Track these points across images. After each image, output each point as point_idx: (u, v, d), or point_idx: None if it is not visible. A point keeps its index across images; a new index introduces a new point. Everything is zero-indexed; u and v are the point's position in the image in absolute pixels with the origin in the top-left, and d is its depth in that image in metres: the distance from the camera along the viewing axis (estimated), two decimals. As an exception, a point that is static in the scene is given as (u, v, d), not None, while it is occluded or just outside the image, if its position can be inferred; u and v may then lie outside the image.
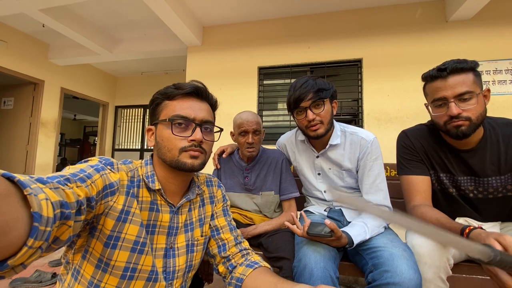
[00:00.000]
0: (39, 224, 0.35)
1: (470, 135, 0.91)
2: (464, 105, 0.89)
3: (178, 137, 0.68)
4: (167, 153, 0.69)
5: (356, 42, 2.92)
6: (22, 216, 0.34)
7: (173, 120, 0.68)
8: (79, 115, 8.58)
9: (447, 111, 0.91)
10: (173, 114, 0.69)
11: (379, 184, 1.08)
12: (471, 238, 0.70)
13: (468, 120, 0.89)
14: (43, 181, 0.41)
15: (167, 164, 0.70)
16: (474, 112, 0.89)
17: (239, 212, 1.35)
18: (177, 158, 0.68)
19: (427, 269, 0.82)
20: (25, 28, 3.70)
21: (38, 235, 0.35)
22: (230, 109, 3.04)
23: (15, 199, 0.34)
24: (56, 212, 0.39)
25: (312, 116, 1.07)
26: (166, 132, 0.69)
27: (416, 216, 0.94)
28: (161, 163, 0.72)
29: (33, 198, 0.35)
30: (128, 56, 4.03)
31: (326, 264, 0.84)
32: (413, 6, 2.80)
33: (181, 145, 0.68)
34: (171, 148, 0.68)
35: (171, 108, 0.70)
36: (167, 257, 0.71)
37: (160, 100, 0.72)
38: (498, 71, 2.58)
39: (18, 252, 0.34)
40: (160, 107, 0.72)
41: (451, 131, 0.93)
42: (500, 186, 0.97)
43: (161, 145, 0.70)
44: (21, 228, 0.34)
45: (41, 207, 0.36)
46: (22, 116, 4.06)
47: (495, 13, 2.59)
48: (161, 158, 0.71)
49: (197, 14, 3.14)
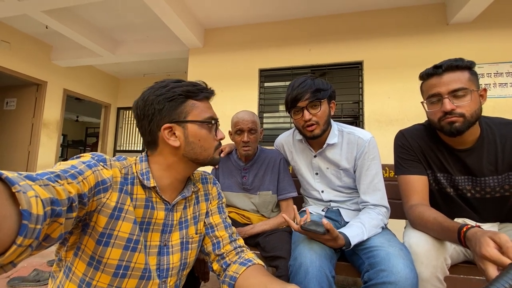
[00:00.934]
0: (29, 222, 0.34)
1: (464, 132, 0.91)
2: (458, 102, 0.90)
3: (213, 137, 0.75)
4: (202, 152, 0.73)
5: (357, 45, 2.92)
6: (11, 214, 0.33)
7: (215, 121, 0.75)
8: (81, 117, 8.62)
9: (441, 107, 0.92)
10: (208, 115, 0.73)
11: (376, 184, 1.07)
12: (467, 237, 0.70)
13: (462, 116, 0.89)
14: (33, 178, 0.41)
15: (197, 162, 0.74)
16: (468, 109, 0.89)
17: (236, 212, 1.35)
18: (212, 156, 0.75)
19: (424, 269, 0.82)
20: (28, 29, 3.74)
21: (28, 233, 0.35)
22: (231, 110, 3.01)
23: (3, 197, 0.33)
24: (47, 210, 0.38)
25: (308, 116, 1.07)
26: (203, 132, 0.72)
27: (414, 215, 0.93)
28: (162, 161, 0.72)
29: (22, 195, 0.34)
30: (131, 58, 4.06)
31: (322, 263, 0.84)
32: (414, 9, 2.81)
33: (215, 144, 0.76)
34: (208, 147, 0.73)
35: (202, 109, 0.73)
36: (161, 254, 0.71)
37: (184, 98, 0.71)
38: (499, 74, 2.57)
39: (7, 251, 0.33)
40: (185, 106, 0.71)
41: (445, 127, 0.93)
42: (497, 185, 0.96)
43: (195, 145, 0.71)
44: (10, 226, 0.33)
45: (31, 205, 0.35)
46: (25, 117, 4.09)
47: (496, 16, 2.58)
48: (190, 157, 0.72)
49: (199, 16, 3.16)
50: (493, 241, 0.60)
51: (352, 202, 1.18)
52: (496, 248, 0.59)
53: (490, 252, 0.59)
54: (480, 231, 0.66)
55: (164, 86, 0.71)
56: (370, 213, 1.03)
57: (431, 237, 0.86)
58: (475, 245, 0.64)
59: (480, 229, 0.69)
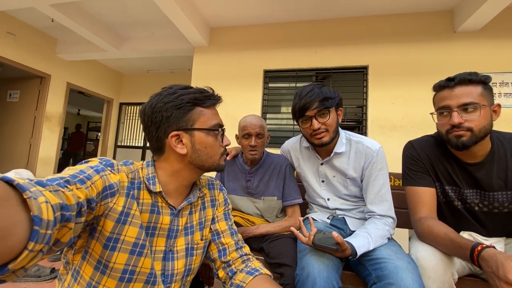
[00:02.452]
0: (40, 228, 0.35)
1: (470, 147, 0.91)
2: (467, 116, 0.90)
3: (219, 144, 0.75)
4: (208, 159, 0.73)
5: (363, 49, 2.91)
6: (22, 220, 0.34)
7: (222, 129, 0.76)
8: (83, 110, 8.60)
9: (449, 120, 0.92)
10: (215, 123, 0.73)
11: (383, 194, 1.07)
12: (482, 257, 0.70)
13: (470, 130, 0.89)
14: (43, 184, 0.41)
15: (203, 169, 0.74)
16: (477, 123, 0.89)
17: (241, 216, 1.35)
18: (218, 162, 0.75)
19: (431, 284, 0.81)
20: (34, 22, 3.73)
21: (39, 238, 0.35)
22: (235, 111, 3.05)
23: (14, 203, 0.34)
24: (57, 215, 0.39)
25: (317, 125, 1.07)
26: (209, 140, 0.72)
27: (422, 228, 0.93)
28: (168, 167, 0.72)
29: (33, 201, 0.35)
30: (135, 54, 4.05)
31: (329, 274, 0.84)
32: (421, 15, 2.80)
33: (221, 151, 0.76)
34: (213, 154, 0.74)
35: (209, 116, 0.73)
36: (166, 260, 0.71)
37: (191, 106, 0.71)
38: (505, 84, 2.57)
39: (19, 256, 0.34)
40: (193, 114, 0.70)
41: (452, 140, 0.93)
42: (506, 201, 0.96)
43: (202, 152, 0.72)
44: (21, 232, 0.33)
45: (41, 210, 0.36)
46: (27, 109, 4.09)
47: (504, 26, 2.58)
48: (196, 164, 0.72)
49: (205, 15, 3.15)
50: None
51: (358, 211, 1.18)
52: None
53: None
54: (502, 254, 0.66)
55: (172, 93, 0.70)
56: (377, 223, 1.03)
57: (439, 251, 0.86)
58: (497, 269, 0.64)
59: (499, 251, 0.69)
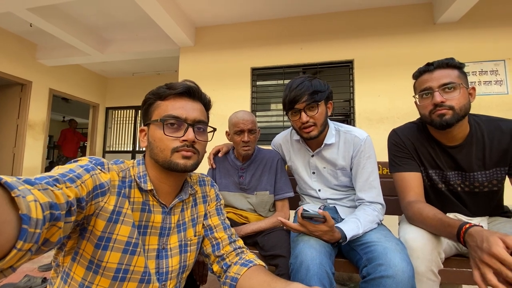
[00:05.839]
0: (28, 226, 0.35)
1: (453, 125, 0.95)
2: (447, 95, 0.95)
3: (170, 137, 0.68)
4: (159, 153, 0.68)
5: (348, 44, 2.97)
6: (11, 219, 0.33)
7: (165, 120, 0.68)
8: (68, 117, 8.38)
9: (432, 100, 0.97)
10: (165, 114, 0.68)
11: (372, 181, 1.10)
12: (469, 233, 0.72)
13: (451, 109, 0.94)
14: (31, 182, 0.41)
15: (160, 165, 0.70)
16: (457, 102, 0.94)
17: (234, 212, 1.36)
18: (169, 159, 0.68)
19: (419, 263, 0.84)
20: (12, 28, 3.62)
21: (28, 237, 0.35)
22: (223, 110, 3.02)
23: (2, 202, 0.33)
24: (46, 214, 0.39)
25: (306, 118, 1.08)
26: (158, 133, 0.69)
27: (412, 212, 0.96)
28: (153, 163, 0.72)
29: (21, 200, 0.34)
30: (119, 57, 3.98)
31: (322, 260, 0.85)
32: (402, 8, 2.87)
33: (173, 146, 0.68)
34: (163, 148, 0.68)
35: (163, 108, 0.70)
36: (160, 258, 0.71)
37: (153, 100, 0.72)
38: (484, 72, 2.66)
39: (7, 255, 0.33)
40: (152, 108, 0.72)
41: (435, 120, 0.97)
42: (485, 180, 1.00)
43: (153, 146, 0.70)
44: (9, 231, 0.33)
45: (30, 209, 0.35)
46: (9, 117, 3.96)
47: (481, 16, 2.67)
48: (153, 158, 0.70)
49: (190, 14, 3.13)
50: (503, 242, 0.63)
51: (348, 200, 1.21)
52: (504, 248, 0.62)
53: (500, 251, 0.61)
54: (487, 231, 0.69)
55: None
56: (366, 209, 1.05)
57: (427, 233, 0.89)
58: (481, 242, 0.66)
59: (484, 228, 0.72)
